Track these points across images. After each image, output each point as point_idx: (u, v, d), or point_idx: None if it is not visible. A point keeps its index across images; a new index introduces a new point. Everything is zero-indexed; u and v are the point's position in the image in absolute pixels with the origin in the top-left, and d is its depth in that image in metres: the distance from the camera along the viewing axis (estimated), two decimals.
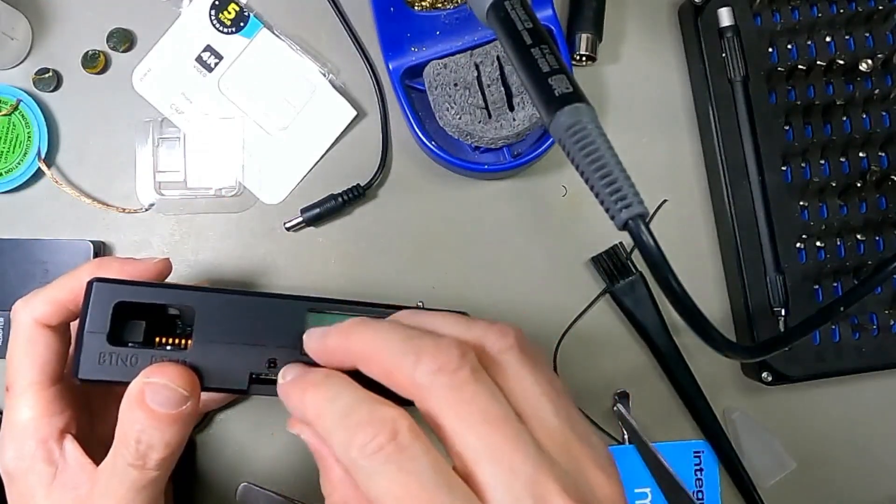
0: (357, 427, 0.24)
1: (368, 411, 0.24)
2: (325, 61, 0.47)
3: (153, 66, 0.46)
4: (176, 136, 0.46)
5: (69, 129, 0.46)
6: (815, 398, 0.46)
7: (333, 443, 0.24)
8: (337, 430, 0.24)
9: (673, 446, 0.45)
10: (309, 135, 0.46)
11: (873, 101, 0.44)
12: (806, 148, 0.44)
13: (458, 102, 0.42)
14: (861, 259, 0.44)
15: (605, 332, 0.46)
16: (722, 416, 0.46)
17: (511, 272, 0.46)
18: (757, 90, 0.45)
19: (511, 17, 0.32)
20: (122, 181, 0.46)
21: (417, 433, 0.24)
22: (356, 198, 0.45)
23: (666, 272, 0.28)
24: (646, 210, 0.27)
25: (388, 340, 0.26)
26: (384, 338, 0.26)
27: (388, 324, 0.27)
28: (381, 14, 0.43)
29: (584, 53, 0.46)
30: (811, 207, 0.44)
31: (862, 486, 0.46)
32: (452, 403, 0.24)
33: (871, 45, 0.45)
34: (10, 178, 0.45)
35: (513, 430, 0.24)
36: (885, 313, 0.44)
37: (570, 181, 0.47)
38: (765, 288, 0.44)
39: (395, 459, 0.23)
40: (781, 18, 0.45)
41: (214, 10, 0.46)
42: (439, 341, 0.25)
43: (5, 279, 0.44)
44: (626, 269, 0.45)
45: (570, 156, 0.28)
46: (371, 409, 0.24)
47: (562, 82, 0.29)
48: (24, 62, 0.47)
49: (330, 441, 0.25)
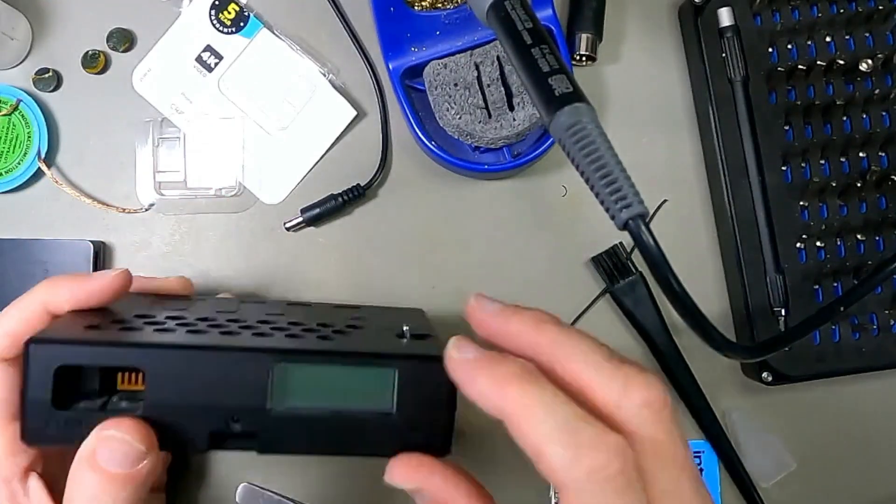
0: (588, 449, 0.23)
1: (596, 434, 0.24)
2: (325, 61, 0.47)
3: (153, 66, 0.46)
4: (176, 136, 0.46)
5: (69, 129, 0.46)
6: (815, 398, 0.46)
7: (548, 453, 0.24)
8: (556, 445, 0.23)
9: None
10: (309, 135, 0.46)
11: (873, 101, 0.44)
12: (806, 148, 0.44)
13: (458, 102, 0.42)
14: (861, 259, 0.44)
15: (605, 333, 0.46)
16: (722, 416, 0.45)
17: (511, 272, 0.46)
18: (757, 90, 0.45)
19: (511, 17, 0.32)
20: (122, 181, 0.46)
21: (638, 468, 0.24)
22: (356, 198, 0.45)
23: (666, 272, 0.28)
24: (646, 210, 0.27)
25: (593, 354, 0.25)
26: (589, 350, 0.26)
27: (584, 335, 0.26)
28: (381, 14, 0.43)
29: (584, 53, 0.46)
30: (811, 207, 0.44)
31: (862, 486, 0.46)
32: (655, 436, 0.25)
33: (871, 45, 0.45)
34: (10, 178, 0.45)
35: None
36: (885, 313, 0.44)
37: (570, 181, 0.47)
38: (765, 288, 0.44)
39: (623, 492, 0.23)
40: (781, 18, 0.45)
41: (214, 10, 0.46)
42: (647, 376, 0.25)
43: (5, 279, 0.44)
44: (626, 269, 0.45)
45: (570, 156, 0.28)
46: (599, 433, 0.24)
47: (562, 82, 0.29)
48: (24, 62, 0.47)
49: (542, 449, 0.24)
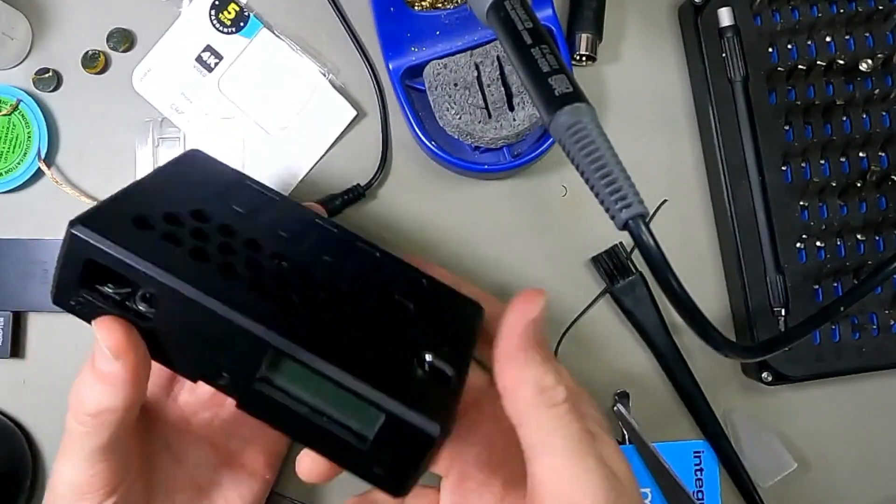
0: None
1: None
2: (325, 61, 0.47)
3: (153, 66, 0.46)
4: (176, 136, 0.46)
5: (69, 129, 0.46)
6: (815, 398, 0.46)
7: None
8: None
9: (673, 446, 0.45)
10: (309, 135, 0.46)
11: (873, 101, 0.44)
12: (806, 148, 0.44)
13: (458, 102, 0.42)
14: (861, 259, 0.44)
15: (605, 333, 0.46)
16: (722, 416, 0.46)
17: (511, 272, 0.46)
18: (757, 90, 0.45)
19: (511, 17, 0.32)
20: (122, 181, 0.45)
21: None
22: (356, 198, 0.45)
23: (666, 272, 0.28)
24: (646, 210, 0.27)
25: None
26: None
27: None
28: (381, 14, 0.43)
29: (584, 53, 0.46)
30: (811, 207, 0.44)
31: (862, 486, 0.46)
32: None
33: (871, 45, 0.45)
34: (10, 178, 0.45)
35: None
36: (885, 313, 0.44)
37: (570, 181, 0.47)
38: (765, 288, 0.44)
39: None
40: (781, 18, 0.45)
41: (214, 10, 0.46)
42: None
43: (5, 279, 0.44)
44: (626, 269, 0.45)
45: (570, 156, 0.28)
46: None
47: (562, 82, 0.29)
48: (24, 62, 0.47)
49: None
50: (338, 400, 0.28)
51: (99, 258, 0.28)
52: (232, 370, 0.28)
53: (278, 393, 0.28)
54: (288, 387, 0.28)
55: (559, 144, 0.29)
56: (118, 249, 0.28)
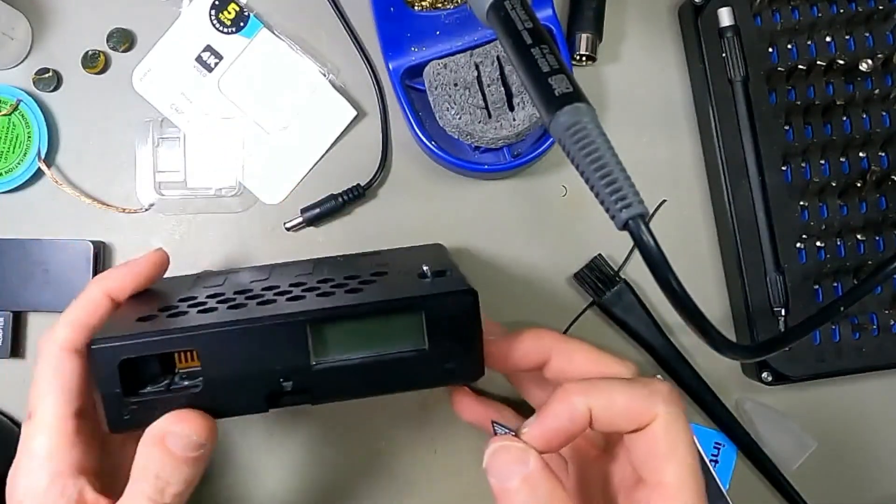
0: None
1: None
2: (325, 61, 0.47)
3: (153, 66, 0.46)
4: (176, 136, 0.46)
5: (69, 129, 0.46)
6: (815, 398, 0.46)
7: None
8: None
9: (694, 429, 0.44)
10: (309, 135, 0.46)
11: (873, 101, 0.44)
12: (806, 148, 0.44)
13: (458, 102, 0.42)
14: (861, 259, 0.44)
15: (599, 344, 0.46)
16: (735, 408, 0.45)
17: (511, 272, 0.46)
18: (757, 90, 0.45)
19: (511, 17, 0.32)
20: (122, 181, 0.46)
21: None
22: (356, 198, 0.45)
23: (666, 272, 0.28)
24: (646, 210, 0.27)
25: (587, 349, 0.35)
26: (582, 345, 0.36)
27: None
28: (381, 14, 0.43)
29: (584, 53, 0.46)
30: (811, 207, 0.44)
31: (862, 486, 0.46)
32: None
33: (871, 45, 0.45)
34: (10, 178, 0.45)
35: None
36: (885, 313, 0.44)
37: (570, 181, 0.47)
38: (765, 288, 0.44)
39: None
40: (781, 18, 0.45)
41: (214, 10, 0.46)
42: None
43: (5, 279, 0.44)
44: (610, 279, 0.45)
45: (570, 156, 0.28)
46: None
47: (562, 82, 0.29)
48: (24, 62, 0.47)
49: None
50: (381, 334, 0.31)
51: (131, 353, 0.30)
52: (287, 370, 0.30)
53: (336, 360, 0.31)
54: (340, 351, 0.31)
55: (559, 144, 0.29)
56: (143, 335, 0.30)
